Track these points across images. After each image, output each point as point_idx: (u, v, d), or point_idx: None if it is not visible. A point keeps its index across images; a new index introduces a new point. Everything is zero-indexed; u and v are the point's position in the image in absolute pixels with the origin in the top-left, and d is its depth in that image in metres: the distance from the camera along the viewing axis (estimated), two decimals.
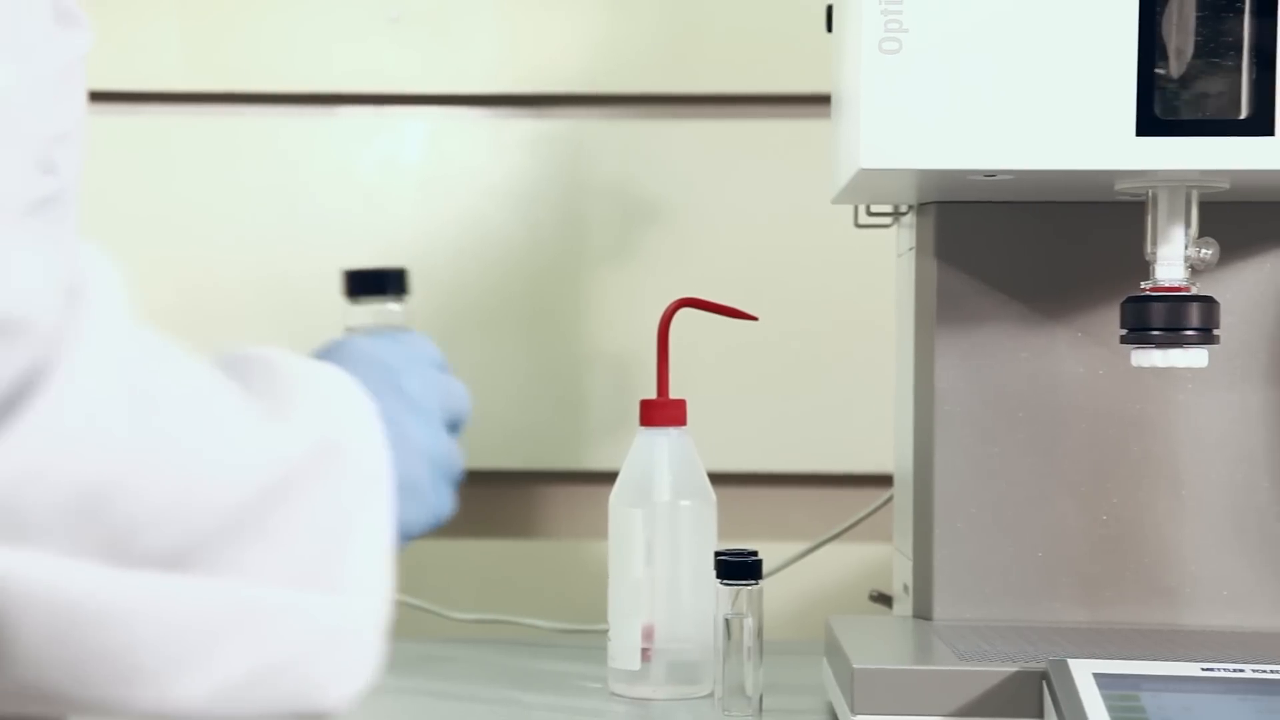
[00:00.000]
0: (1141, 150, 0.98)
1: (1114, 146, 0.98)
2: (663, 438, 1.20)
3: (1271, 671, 0.96)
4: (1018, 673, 0.99)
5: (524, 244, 1.62)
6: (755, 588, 1.06)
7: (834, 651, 1.10)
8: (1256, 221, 1.15)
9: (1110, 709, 0.92)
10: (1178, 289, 1.04)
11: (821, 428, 1.53)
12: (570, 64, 1.61)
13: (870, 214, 1.22)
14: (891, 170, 1.00)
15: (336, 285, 1.62)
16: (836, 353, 1.53)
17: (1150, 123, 0.98)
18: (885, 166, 1.00)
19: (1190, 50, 0.99)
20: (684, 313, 1.25)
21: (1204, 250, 1.04)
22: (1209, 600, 1.15)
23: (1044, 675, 0.97)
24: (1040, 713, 0.97)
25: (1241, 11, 0.98)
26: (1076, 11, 0.98)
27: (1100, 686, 0.94)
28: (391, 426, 0.70)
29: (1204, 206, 1.12)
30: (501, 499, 1.63)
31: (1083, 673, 0.95)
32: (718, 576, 1.05)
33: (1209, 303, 1.04)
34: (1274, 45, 0.98)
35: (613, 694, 1.19)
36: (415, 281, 1.60)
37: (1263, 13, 0.98)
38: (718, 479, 1.25)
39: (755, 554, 1.08)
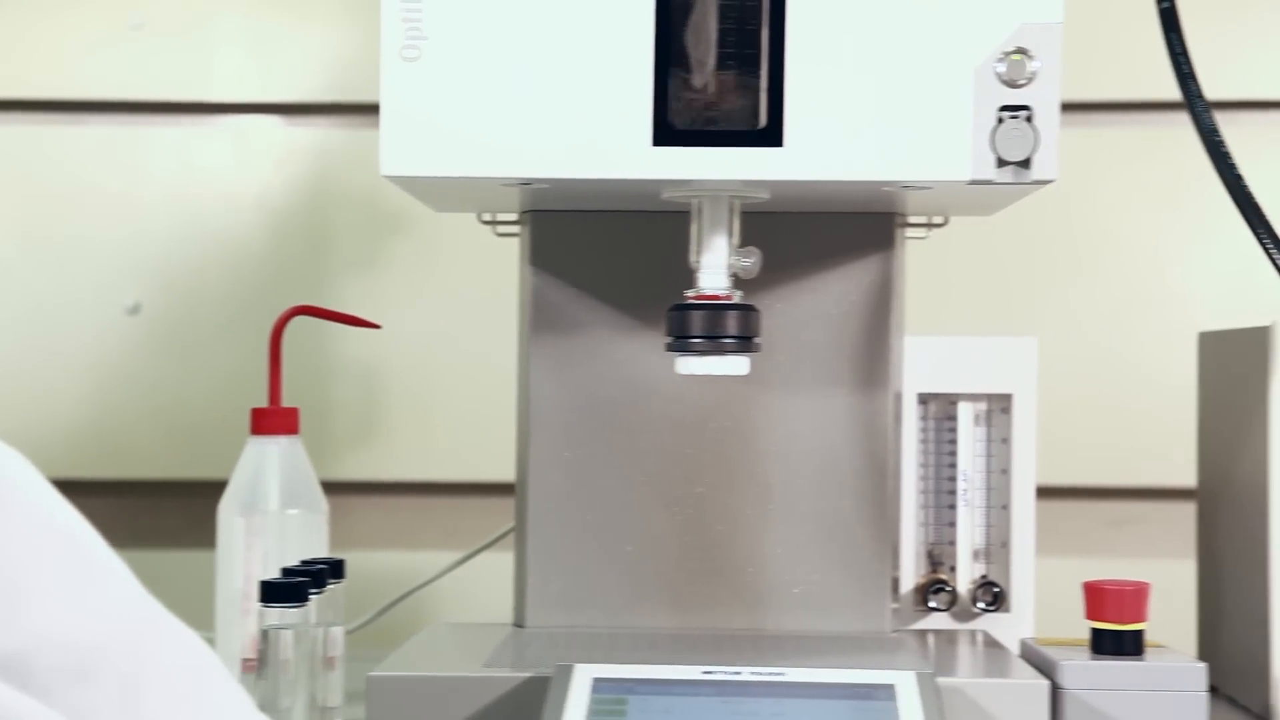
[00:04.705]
0: (657, 160, 0.99)
1: (630, 156, 0.99)
2: (273, 446, 1.21)
3: (770, 674, 0.97)
4: (531, 678, 1.00)
5: (270, 252, 1.63)
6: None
7: None
8: (847, 230, 1.16)
9: (592, 712, 0.93)
10: (720, 297, 1.05)
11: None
12: (317, 73, 1.63)
13: (482, 221, 1.23)
14: (414, 178, 1.02)
15: (81, 299, 1.64)
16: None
17: (667, 133, 0.99)
18: (404, 174, 1.01)
19: (710, 62, 0.99)
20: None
21: (744, 259, 1.05)
22: (794, 605, 1.16)
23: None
24: None
25: (758, 25, 0.99)
26: (595, 23, 0.99)
27: (594, 690, 0.95)
28: None
29: (800, 216, 1.14)
30: None
31: (582, 677, 0.96)
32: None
33: (748, 311, 1.05)
34: (783, 58, 0.99)
35: None
36: (162, 289, 1.63)
37: (775, 26, 0.99)
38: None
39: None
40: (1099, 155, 1.60)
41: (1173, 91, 1.09)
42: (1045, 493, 1.52)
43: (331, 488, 1.60)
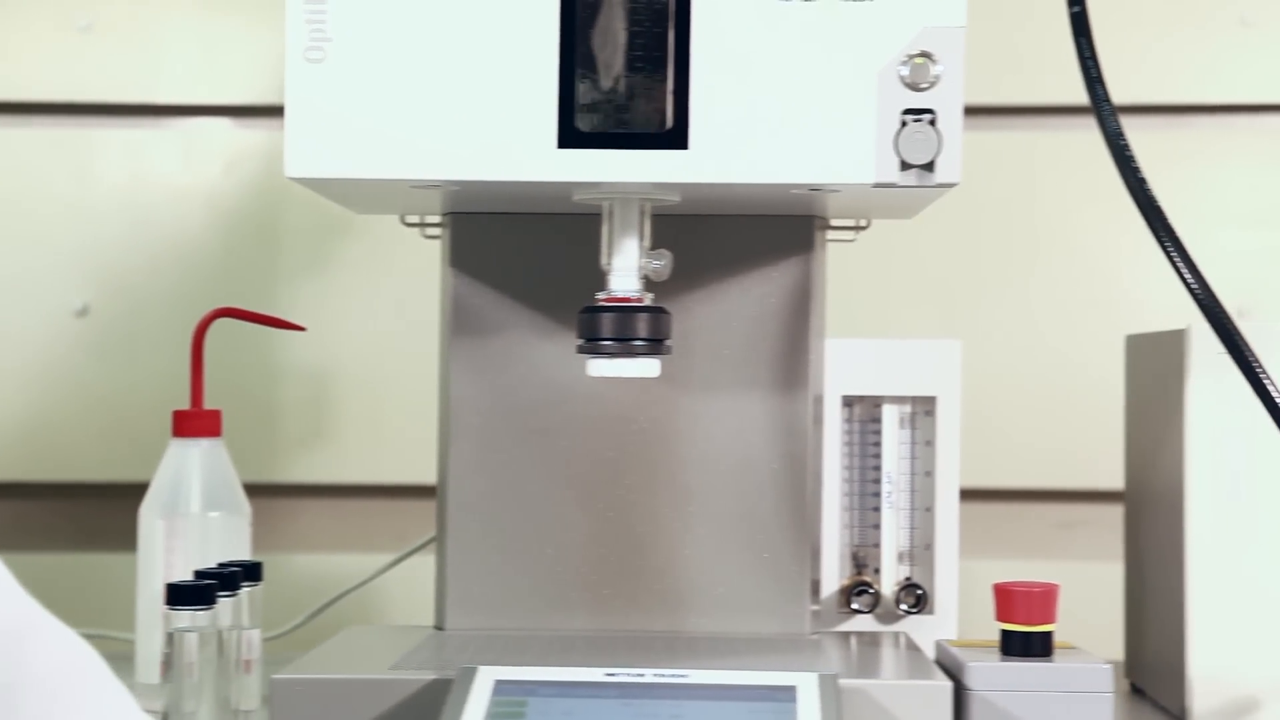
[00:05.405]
0: (562, 162, 0.99)
1: (535, 158, 0.99)
2: (194, 449, 1.21)
3: (672, 676, 0.97)
4: (435, 680, 0.99)
5: (220, 254, 1.63)
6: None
7: None
8: (766, 233, 1.15)
9: (491, 714, 0.93)
10: (630, 300, 1.04)
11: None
12: (267, 75, 1.63)
13: (405, 223, 1.23)
14: (320, 180, 1.02)
15: (29, 301, 1.64)
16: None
17: (571, 135, 0.99)
18: (309, 175, 1.01)
19: (615, 64, 0.99)
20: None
21: (655, 261, 1.05)
22: (714, 606, 1.16)
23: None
24: None
25: (664, 28, 0.99)
26: (500, 26, 0.99)
27: (495, 692, 0.95)
28: None
29: (720, 219, 1.14)
30: None
31: (485, 679, 0.96)
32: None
33: (658, 313, 1.04)
34: (688, 61, 0.98)
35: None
36: (111, 291, 1.63)
37: (680, 29, 0.99)
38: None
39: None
40: (1034, 159, 1.60)
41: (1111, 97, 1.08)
42: (990, 495, 1.52)
43: (280, 490, 1.61)
